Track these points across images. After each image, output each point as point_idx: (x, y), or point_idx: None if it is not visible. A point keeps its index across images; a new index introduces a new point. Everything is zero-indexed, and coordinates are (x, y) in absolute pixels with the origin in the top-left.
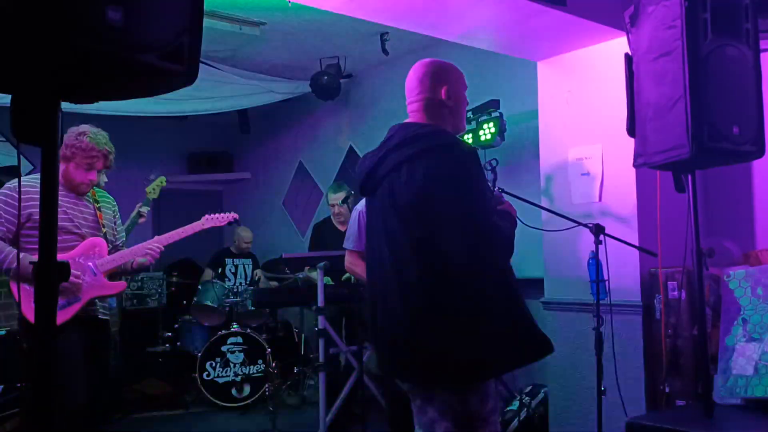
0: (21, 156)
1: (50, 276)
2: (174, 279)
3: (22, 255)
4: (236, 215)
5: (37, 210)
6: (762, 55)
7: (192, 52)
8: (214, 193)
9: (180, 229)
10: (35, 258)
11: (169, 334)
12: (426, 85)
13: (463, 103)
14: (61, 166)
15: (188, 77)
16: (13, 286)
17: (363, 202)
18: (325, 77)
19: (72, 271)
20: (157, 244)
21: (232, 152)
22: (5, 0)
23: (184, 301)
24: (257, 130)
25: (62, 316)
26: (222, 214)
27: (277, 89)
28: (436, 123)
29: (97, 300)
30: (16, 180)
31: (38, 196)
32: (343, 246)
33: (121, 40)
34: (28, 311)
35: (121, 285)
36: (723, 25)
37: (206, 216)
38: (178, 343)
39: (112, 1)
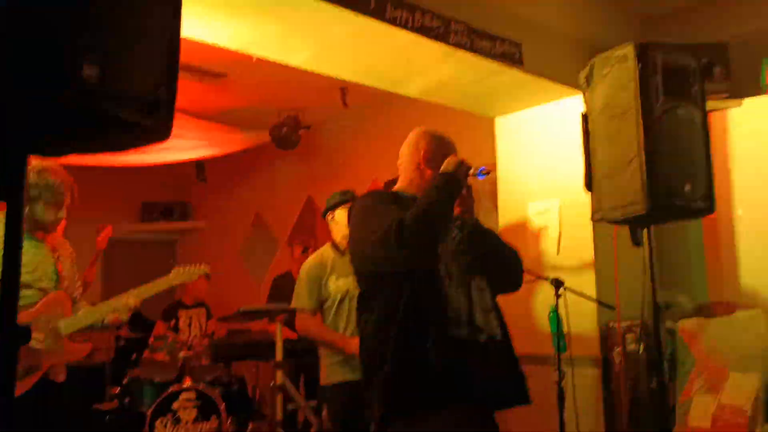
0: None
1: (11, 345)
2: (123, 333)
3: None
4: (207, 268)
5: None
6: (708, 115)
7: (168, 106)
8: (167, 243)
9: (148, 284)
10: None
11: (117, 390)
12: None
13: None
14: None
15: (163, 132)
16: None
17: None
18: (284, 128)
19: (33, 335)
20: (125, 302)
21: (188, 201)
22: None
23: (134, 356)
24: (214, 179)
25: (20, 388)
26: (192, 267)
27: (236, 139)
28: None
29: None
30: None
31: None
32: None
33: (97, 96)
34: None
35: (85, 347)
36: (674, 88)
37: (176, 268)
38: (127, 400)
39: (89, 56)
